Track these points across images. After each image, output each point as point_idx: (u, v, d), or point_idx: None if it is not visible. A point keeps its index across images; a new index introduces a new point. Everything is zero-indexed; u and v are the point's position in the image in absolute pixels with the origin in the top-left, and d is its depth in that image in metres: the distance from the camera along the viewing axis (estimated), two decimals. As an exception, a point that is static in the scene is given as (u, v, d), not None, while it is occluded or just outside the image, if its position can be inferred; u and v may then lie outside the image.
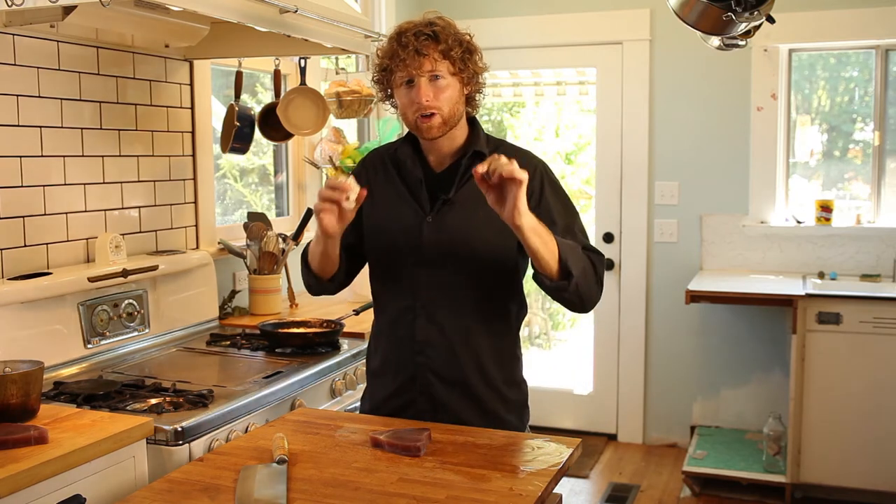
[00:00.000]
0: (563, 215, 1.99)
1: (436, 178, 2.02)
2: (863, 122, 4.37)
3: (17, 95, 2.36)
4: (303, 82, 3.32)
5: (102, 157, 2.66)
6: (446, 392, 2.01)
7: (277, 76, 3.27)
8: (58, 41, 2.47)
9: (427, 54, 1.89)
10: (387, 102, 2.03)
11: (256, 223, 3.16)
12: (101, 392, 2.12)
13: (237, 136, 3.14)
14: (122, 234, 2.65)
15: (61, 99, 2.50)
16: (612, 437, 4.74)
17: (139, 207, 2.81)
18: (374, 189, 2.06)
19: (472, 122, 2.05)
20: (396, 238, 2.03)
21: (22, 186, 2.39)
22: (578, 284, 1.87)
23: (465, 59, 1.94)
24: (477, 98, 2.03)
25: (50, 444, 1.73)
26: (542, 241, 1.81)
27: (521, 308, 2.11)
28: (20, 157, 2.38)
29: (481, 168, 1.74)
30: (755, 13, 2.58)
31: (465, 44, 1.95)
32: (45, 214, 2.46)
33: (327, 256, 2.00)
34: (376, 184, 2.07)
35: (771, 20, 2.71)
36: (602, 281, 1.97)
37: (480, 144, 2.01)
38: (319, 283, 2.10)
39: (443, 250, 1.99)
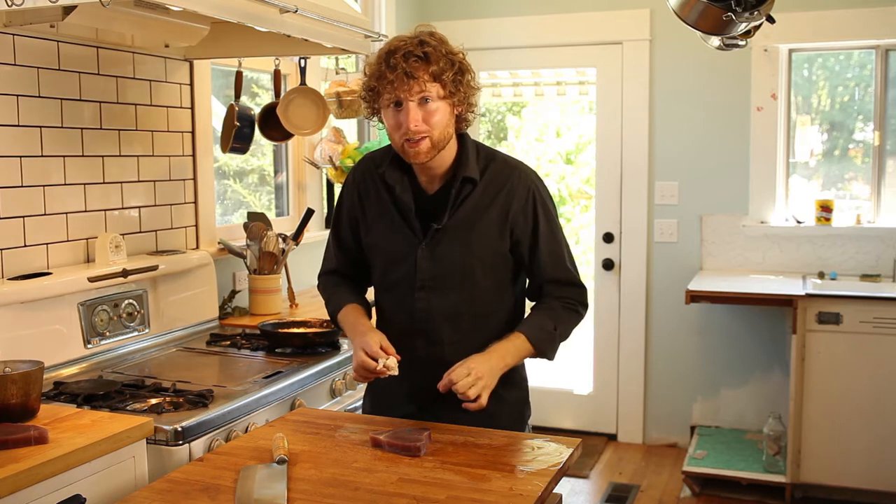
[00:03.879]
0: (550, 242, 2.01)
1: (428, 201, 1.99)
2: (863, 122, 4.37)
3: (17, 95, 2.36)
4: (303, 82, 3.32)
5: (102, 157, 2.66)
6: (447, 409, 2.00)
7: (277, 76, 3.28)
8: (58, 41, 2.47)
9: (417, 77, 1.82)
10: (374, 119, 1.97)
11: (256, 223, 3.16)
12: (101, 392, 2.12)
13: (237, 136, 3.14)
14: (122, 234, 2.65)
15: (61, 99, 2.50)
16: (612, 437, 4.74)
17: (139, 207, 2.81)
18: (368, 210, 2.05)
19: (461, 140, 1.98)
20: (392, 264, 2.02)
21: (22, 186, 2.39)
22: (556, 349, 2.03)
23: (457, 81, 1.86)
24: (469, 117, 1.96)
25: (50, 444, 1.73)
26: (516, 360, 1.97)
27: (521, 318, 2.10)
28: (20, 157, 2.38)
29: (441, 387, 1.84)
30: (755, 13, 2.58)
31: (458, 64, 1.87)
32: (45, 214, 2.46)
33: None
34: (369, 204, 2.05)
35: (771, 20, 2.71)
36: (583, 310, 2.07)
37: (470, 167, 1.95)
38: None
39: (438, 276, 1.97)
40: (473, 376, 1.83)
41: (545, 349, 1.98)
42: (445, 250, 1.96)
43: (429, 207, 1.98)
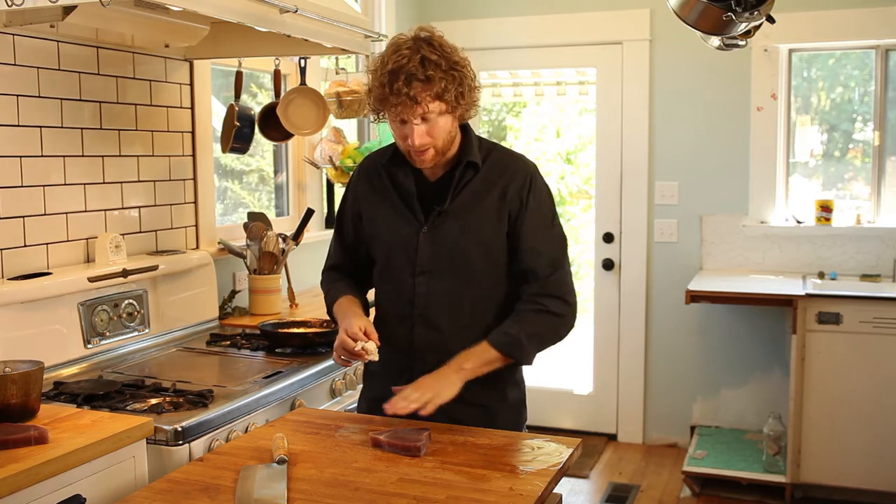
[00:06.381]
0: (535, 230, 2.00)
1: (430, 188, 2.02)
2: (863, 122, 4.37)
3: (17, 95, 2.36)
4: (303, 82, 3.32)
5: (102, 157, 2.66)
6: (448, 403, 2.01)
7: (277, 76, 3.28)
8: (58, 41, 2.47)
9: (420, 101, 1.85)
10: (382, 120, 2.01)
11: (256, 223, 3.16)
12: (101, 392, 2.12)
13: (237, 136, 3.14)
14: (122, 234, 2.65)
15: (61, 99, 2.50)
16: (612, 437, 4.74)
17: (139, 207, 2.81)
18: (372, 199, 2.08)
19: (465, 129, 2.03)
20: (393, 249, 2.05)
21: (22, 186, 2.38)
22: (535, 353, 1.99)
23: (459, 95, 1.89)
24: (471, 113, 1.99)
25: (50, 444, 1.73)
26: (479, 365, 1.93)
27: None
28: (20, 157, 2.38)
29: (389, 409, 1.85)
30: (755, 13, 2.58)
31: (459, 77, 1.88)
32: (45, 214, 2.46)
33: None
34: (374, 193, 2.08)
35: (771, 20, 2.71)
36: (557, 307, 2.00)
37: (473, 153, 2.00)
38: None
39: (439, 260, 2.00)
40: (419, 394, 1.87)
41: (513, 353, 1.96)
42: (446, 234, 1.99)
43: (430, 194, 2.02)
